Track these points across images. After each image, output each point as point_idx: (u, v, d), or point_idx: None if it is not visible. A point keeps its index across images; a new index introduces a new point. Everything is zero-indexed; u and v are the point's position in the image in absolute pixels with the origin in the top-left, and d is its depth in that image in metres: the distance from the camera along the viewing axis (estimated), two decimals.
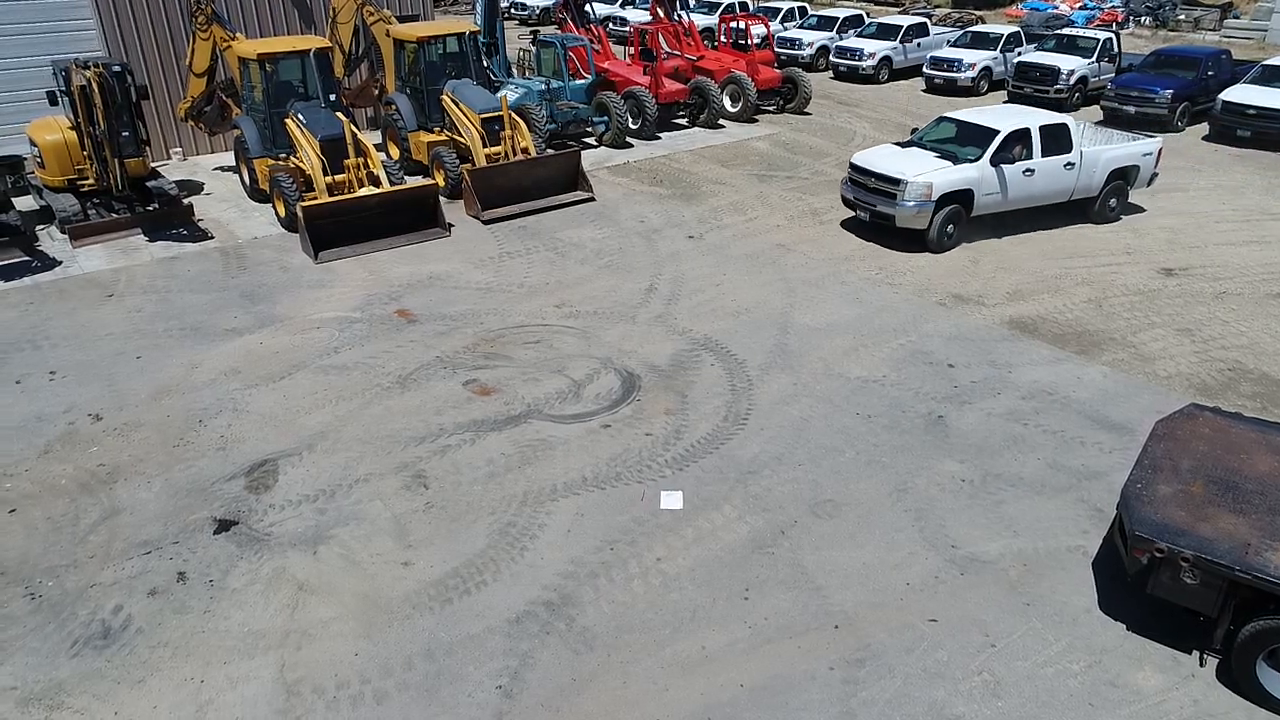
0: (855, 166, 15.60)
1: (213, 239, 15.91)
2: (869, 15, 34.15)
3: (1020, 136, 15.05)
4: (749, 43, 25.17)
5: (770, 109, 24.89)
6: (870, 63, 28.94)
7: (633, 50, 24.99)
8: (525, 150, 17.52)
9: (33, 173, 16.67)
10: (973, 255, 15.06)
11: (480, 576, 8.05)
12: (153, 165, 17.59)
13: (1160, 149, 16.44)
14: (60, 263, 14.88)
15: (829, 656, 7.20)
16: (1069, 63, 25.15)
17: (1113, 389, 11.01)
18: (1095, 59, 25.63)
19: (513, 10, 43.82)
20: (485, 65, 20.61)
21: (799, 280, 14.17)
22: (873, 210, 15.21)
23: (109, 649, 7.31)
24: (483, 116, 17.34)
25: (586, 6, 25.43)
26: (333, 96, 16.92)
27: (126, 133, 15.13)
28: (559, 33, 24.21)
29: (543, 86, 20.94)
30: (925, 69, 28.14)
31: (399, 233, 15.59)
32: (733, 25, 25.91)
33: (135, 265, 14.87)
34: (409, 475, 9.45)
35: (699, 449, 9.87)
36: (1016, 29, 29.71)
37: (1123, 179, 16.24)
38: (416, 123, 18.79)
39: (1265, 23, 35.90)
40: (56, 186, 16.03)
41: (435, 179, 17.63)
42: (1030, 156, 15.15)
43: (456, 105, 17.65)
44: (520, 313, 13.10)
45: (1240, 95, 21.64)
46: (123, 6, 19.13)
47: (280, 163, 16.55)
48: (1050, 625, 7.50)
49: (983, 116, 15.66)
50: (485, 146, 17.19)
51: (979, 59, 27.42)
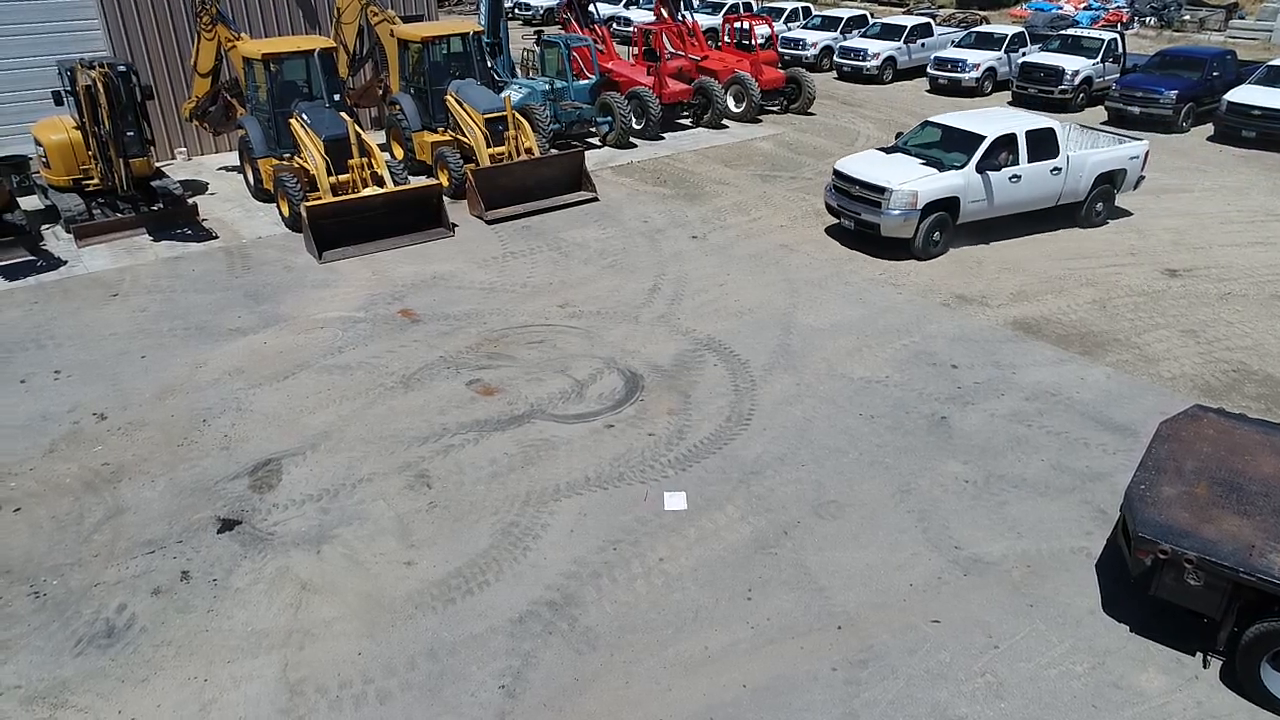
0: (839, 173, 15.22)
1: (217, 239, 15.95)
2: (873, 15, 34.14)
3: (1006, 142, 14.72)
4: (753, 43, 25.15)
5: (774, 109, 24.88)
6: (874, 63, 28.93)
7: (636, 50, 24.99)
8: (529, 150, 17.54)
9: (38, 172, 16.74)
10: (976, 256, 15.03)
11: (483, 576, 8.06)
12: (157, 165, 17.63)
13: (1147, 152, 16.21)
14: (65, 262, 14.92)
15: (832, 657, 7.20)
16: (1073, 63, 25.12)
17: (1117, 390, 11.00)
18: (1100, 59, 25.58)
19: (517, 10, 43.86)
20: (489, 65, 20.63)
21: (802, 280, 14.16)
22: (857, 219, 14.83)
23: (113, 648, 7.33)
24: (487, 116, 17.38)
25: (590, 6, 25.43)
26: (337, 96, 16.95)
27: (131, 132, 15.15)
28: (563, 33, 24.22)
29: (546, 87, 20.94)
30: (929, 69, 28.13)
31: (403, 233, 15.61)
32: (736, 25, 25.88)
33: (140, 265, 14.90)
34: (412, 475, 9.46)
35: (702, 449, 9.88)
36: (1021, 29, 29.69)
37: (1109, 183, 15.98)
38: (420, 123, 18.82)
39: (1270, 23, 35.85)
40: (62, 186, 16.09)
41: (439, 179, 17.64)
42: (1016, 162, 14.79)
43: (460, 105, 17.68)
44: (524, 313, 13.11)
45: (1245, 96, 21.60)
46: (128, 7, 19.19)
47: (284, 163, 16.58)
48: (1053, 627, 7.49)
49: (968, 121, 15.28)
50: (489, 146, 17.21)
51: (983, 59, 27.39)
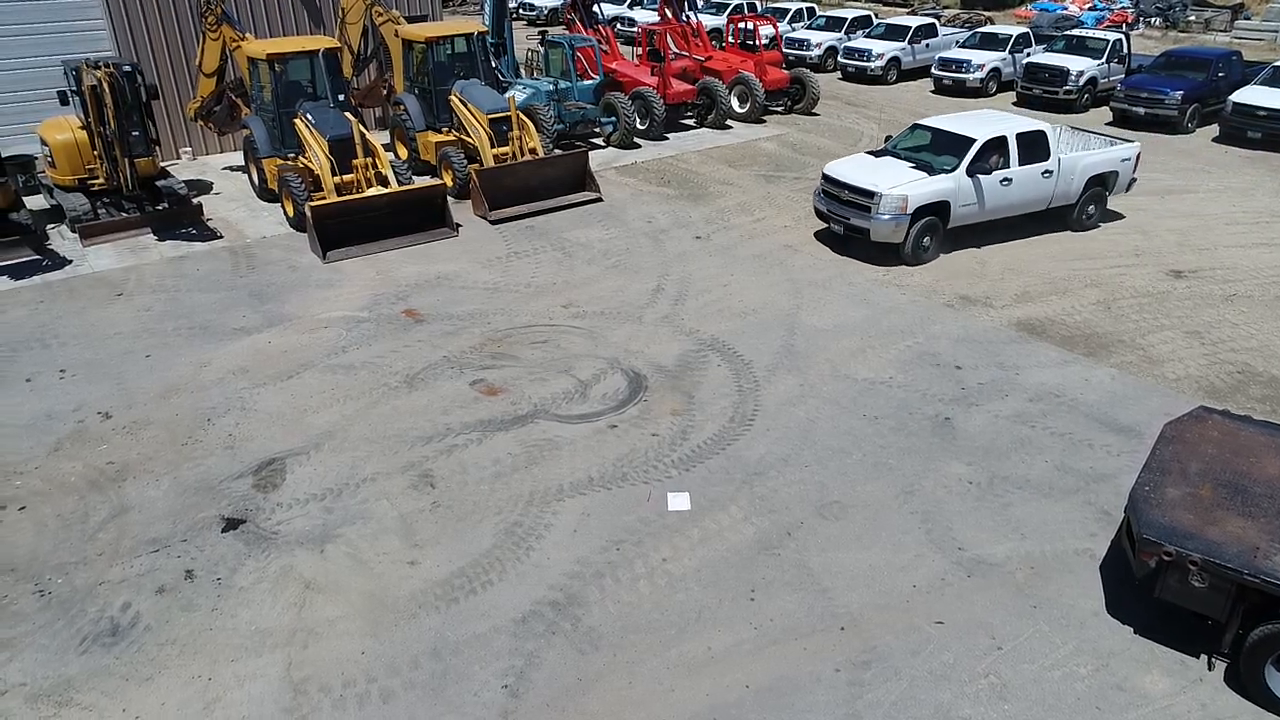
0: (828, 178, 14.99)
1: (221, 238, 15.98)
2: (877, 16, 34.11)
3: (997, 145, 14.53)
4: (757, 43, 25.13)
5: (778, 110, 24.87)
6: (878, 63, 28.90)
7: (640, 51, 24.98)
8: (533, 150, 17.55)
9: (43, 172, 16.79)
10: (980, 257, 15.01)
11: (486, 576, 8.06)
12: (162, 165, 17.68)
13: (1138, 154, 16.05)
14: (70, 261, 14.96)
15: (835, 658, 7.20)
16: (1078, 64, 25.07)
17: (1121, 391, 10.97)
18: (1105, 60, 25.53)
19: (521, 11, 43.89)
20: (493, 66, 20.64)
21: (806, 281, 14.15)
22: (846, 224, 14.61)
23: (117, 646, 7.35)
24: (491, 117, 17.39)
25: (594, 7, 25.44)
26: (341, 96, 16.97)
27: (136, 132, 15.22)
28: (567, 33, 24.22)
29: (551, 87, 20.95)
30: (934, 70, 28.10)
31: (407, 233, 15.63)
32: (741, 26, 25.87)
33: (145, 264, 14.94)
34: (416, 475, 9.47)
35: (705, 450, 9.88)
36: (1025, 30, 29.64)
37: (1101, 185, 15.81)
38: (425, 123, 18.85)
39: (1276, 24, 35.75)
40: (67, 186, 16.13)
41: (443, 179, 17.66)
42: (1007, 165, 14.60)
43: (464, 105, 17.70)
44: (527, 313, 13.12)
45: (1251, 97, 21.55)
46: (133, 7, 19.24)
47: (289, 162, 16.62)
48: (1057, 628, 7.48)
49: (958, 124, 15.11)
50: (493, 147, 17.23)
51: (987, 60, 27.36)
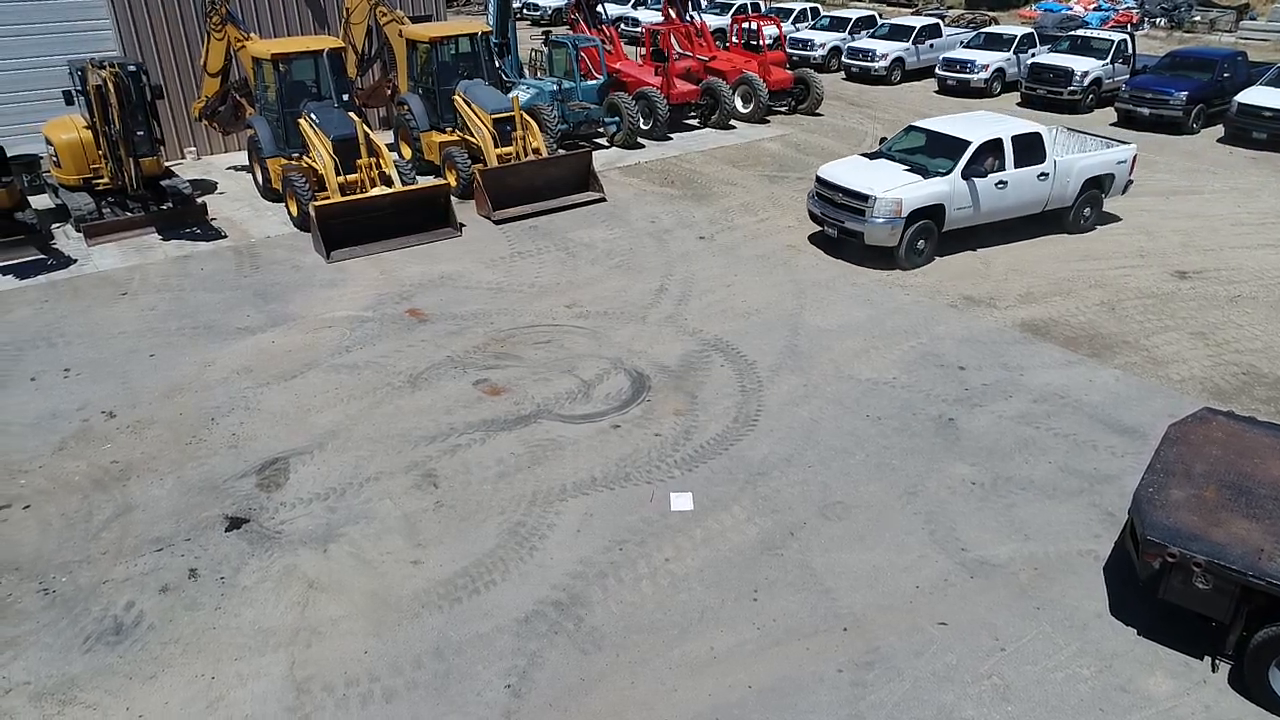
0: (822, 180, 14.86)
1: (226, 238, 16.01)
2: (881, 16, 34.04)
3: (993, 147, 14.40)
4: (761, 43, 25.13)
5: (782, 110, 24.85)
6: (882, 64, 28.86)
7: (644, 51, 24.98)
8: (537, 150, 17.55)
9: (48, 171, 16.82)
10: (984, 258, 14.98)
11: (489, 576, 8.07)
12: (167, 164, 17.71)
13: (1135, 156, 15.93)
14: (75, 261, 14.99)
15: (838, 659, 7.19)
16: (1083, 64, 25.01)
17: (1125, 392, 10.95)
18: (1110, 60, 25.47)
19: (525, 11, 43.91)
20: (497, 66, 20.66)
21: (810, 281, 14.14)
22: (840, 227, 14.45)
23: (121, 645, 7.36)
24: (495, 117, 17.40)
25: (598, 7, 25.45)
26: (345, 96, 17.00)
27: (141, 132, 15.24)
28: (571, 33, 24.23)
29: (554, 87, 20.95)
30: (938, 70, 28.05)
31: (410, 232, 15.64)
32: (744, 26, 25.87)
33: (149, 264, 14.97)
34: (419, 474, 9.48)
35: (708, 450, 9.87)
36: (1030, 30, 29.57)
37: (1097, 188, 15.71)
38: (429, 123, 18.86)
39: None
40: (72, 185, 16.16)
41: (447, 179, 17.67)
42: (1003, 168, 14.48)
43: (468, 105, 17.71)
44: (531, 313, 13.13)
45: (1256, 97, 21.49)
46: (138, 7, 19.28)
47: (293, 162, 16.65)
48: (1060, 629, 7.47)
49: (953, 126, 14.99)
50: (497, 147, 17.23)
51: (992, 60, 27.31)
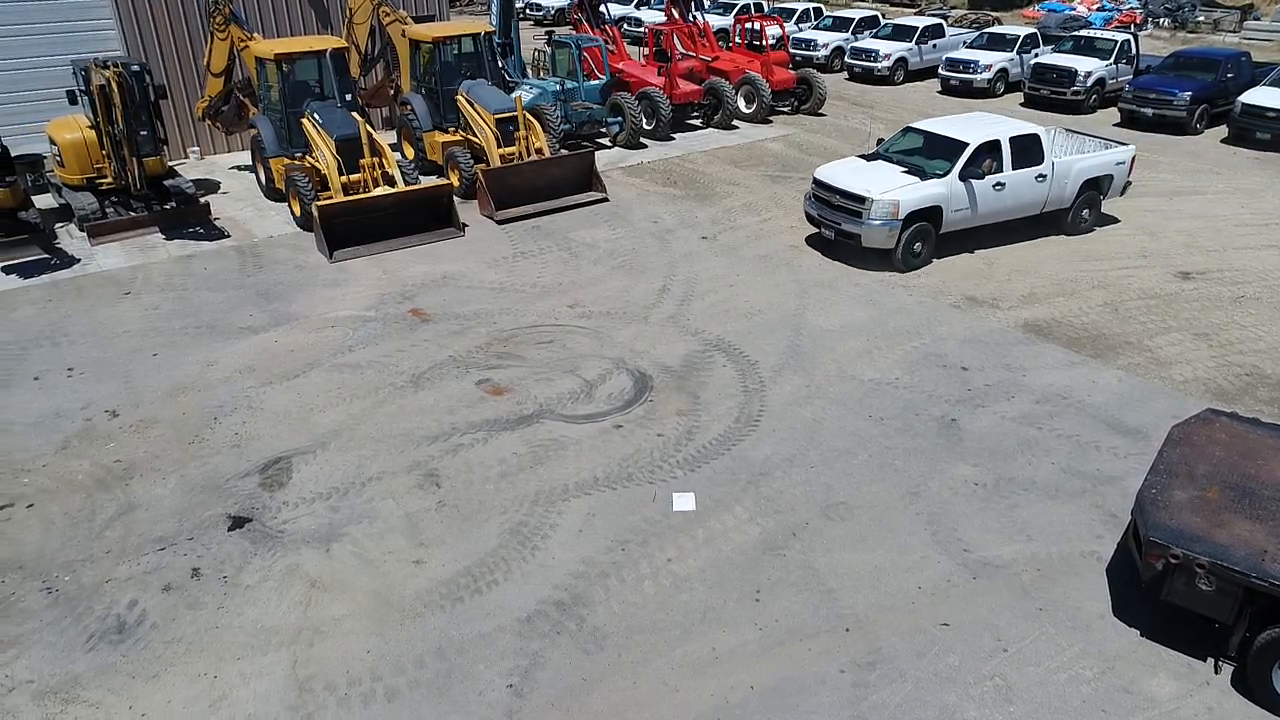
0: (819, 182, 14.78)
1: (229, 238, 16.02)
2: (884, 16, 34.01)
3: (990, 149, 14.32)
4: (764, 44, 25.13)
5: (785, 110, 24.83)
6: (885, 64, 28.85)
7: (647, 51, 25.00)
8: (539, 151, 17.55)
9: (52, 171, 16.85)
10: (986, 258, 14.97)
11: (491, 575, 8.07)
12: (170, 164, 17.73)
13: (1133, 157, 15.86)
14: (79, 260, 15.01)
15: (840, 659, 7.19)
16: (1086, 64, 24.98)
17: (1128, 393, 10.94)
18: (1113, 61, 25.44)
19: (528, 11, 43.92)
20: (500, 66, 20.67)
21: (812, 282, 14.13)
22: (837, 229, 14.36)
23: (124, 644, 7.38)
24: (497, 117, 17.40)
25: (601, 7, 25.45)
26: (348, 96, 17.00)
27: (145, 132, 15.25)
28: (574, 33, 24.23)
29: (557, 87, 20.95)
30: (941, 70, 28.02)
31: (413, 232, 15.65)
32: (747, 26, 25.85)
33: (152, 263, 14.99)
34: (421, 474, 9.49)
35: (711, 450, 9.87)
36: (1033, 30, 29.55)
37: (1095, 189, 15.64)
38: (431, 123, 18.86)
39: None
40: (75, 185, 16.18)
41: (450, 179, 17.68)
42: (1000, 169, 14.41)
43: (471, 105, 17.71)
44: (533, 313, 13.13)
45: (1260, 98, 21.46)
46: (142, 7, 19.30)
47: (296, 162, 16.65)
48: (1063, 630, 7.46)
49: (951, 127, 14.92)
50: (500, 147, 17.24)
51: (995, 60, 27.28)
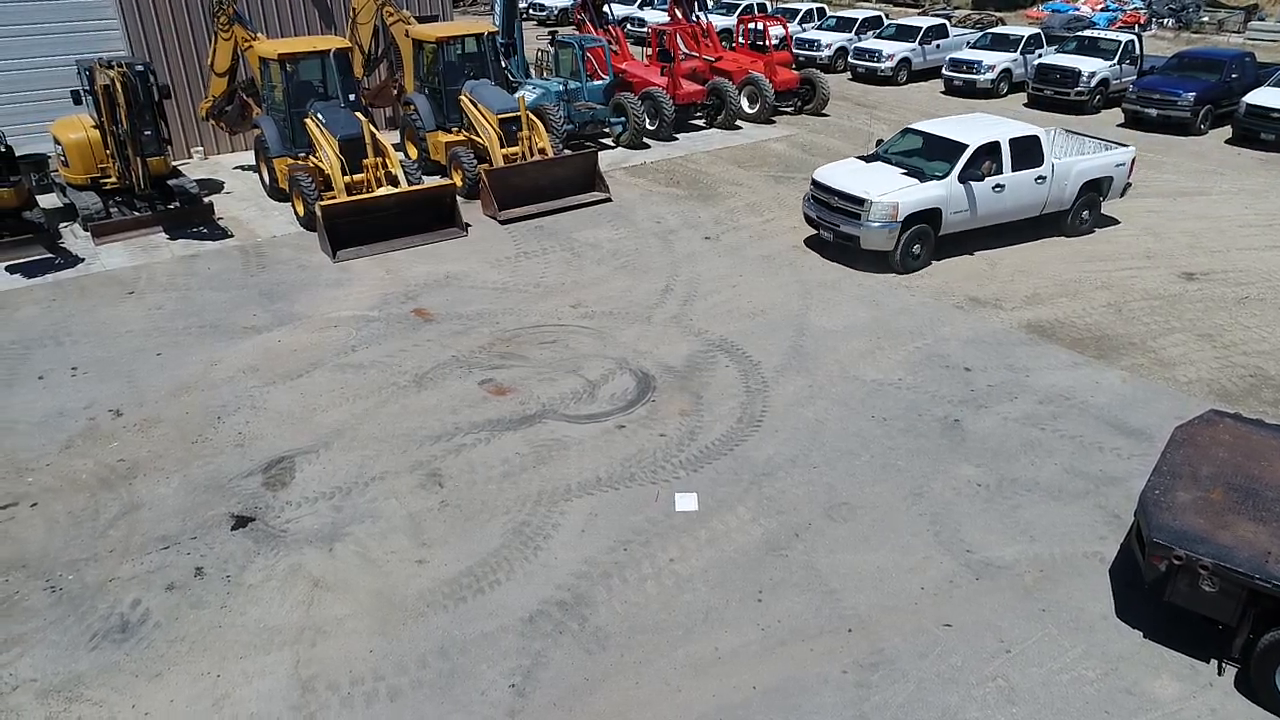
0: (817, 183, 14.75)
1: (232, 237, 16.05)
2: (888, 17, 34.00)
3: (989, 150, 14.26)
4: (767, 44, 25.12)
5: (788, 110, 24.84)
6: (889, 64, 28.84)
7: (650, 51, 24.99)
8: (543, 151, 17.56)
9: (56, 171, 16.88)
10: (989, 259, 14.95)
11: (494, 575, 8.08)
12: (174, 164, 17.75)
13: (1133, 159, 15.80)
14: (82, 260, 15.04)
15: (842, 660, 7.19)
16: (1090, 65, 24.95)
17: (1131, 394, 10.92)
18: (1117, 61, 25.40)
19: (531, 11, 43.94)
20: (503, 66, 20.68)
21: (815, 282, 14.13)
22: (836, 231, 14.32)
23: (127, 643, 7.39)
24: (500, 117, 17.42)
25: (605, 7, 25.47)
26: (352, 96, 17.02)
27: (149, 131, 15.28)
28: (577, 33, 24.26)
29: (560, 87, 20.98)
30: (944, 71, 28.01)
31: (416, 232, 15.67)
32: (751, 26, 25.86)
33: (156, 263, 15.01)
34: (424, 474, 9.50)
35: (713, 450, 9.87)
36: (1037, 30, 29.52)
37: (1095, 191, 15.59)
38: (435, 123, 18.87)
39: None
40: (79, 184, 16.21)
41: (453, 179, 17.69)
42: (1000, 171, 14.35)
43: (474, 106, 17.73)
44: (536, 313, 13.14)
45: (1264, 98, 21.42)
46: (146, 7, 19.34)
47: (300, 162, 16.67)
48: (1066, 631, 7.45)
49: (950, 129, 14.85)
50: (503, 147, 17.25)
51: (999, 61, 27.25)
